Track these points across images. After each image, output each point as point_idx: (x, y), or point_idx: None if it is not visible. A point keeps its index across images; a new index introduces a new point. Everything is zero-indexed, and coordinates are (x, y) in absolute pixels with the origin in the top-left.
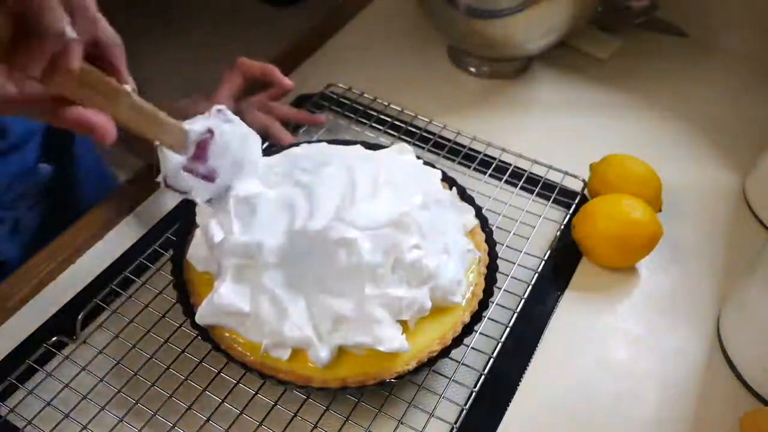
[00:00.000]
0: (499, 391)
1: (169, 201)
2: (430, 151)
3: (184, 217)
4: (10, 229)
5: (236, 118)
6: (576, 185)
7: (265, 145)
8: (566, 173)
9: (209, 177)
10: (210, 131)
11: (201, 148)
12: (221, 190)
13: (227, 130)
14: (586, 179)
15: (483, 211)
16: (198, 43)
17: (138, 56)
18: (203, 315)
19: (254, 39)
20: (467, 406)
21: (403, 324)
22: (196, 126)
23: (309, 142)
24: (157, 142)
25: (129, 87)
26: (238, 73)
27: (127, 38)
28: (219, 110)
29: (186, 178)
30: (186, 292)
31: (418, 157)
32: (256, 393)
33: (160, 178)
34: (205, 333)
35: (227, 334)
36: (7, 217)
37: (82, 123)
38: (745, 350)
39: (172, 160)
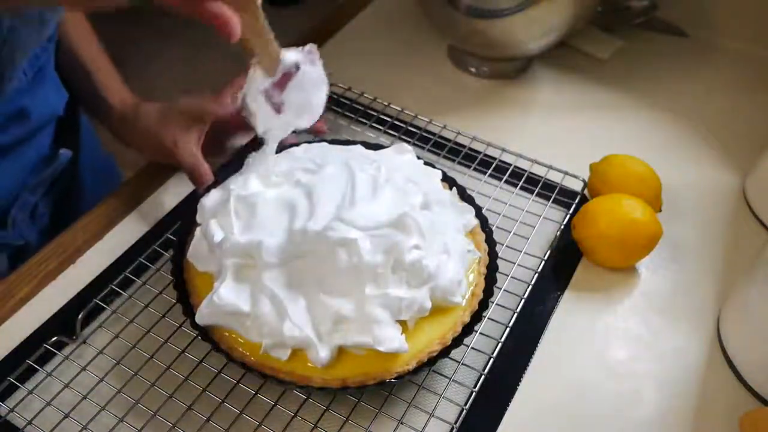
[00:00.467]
0: (499, 391)
1: (170, 201)
2: (430, 151)
3: (184, 217)
4: (30, 214)
5: (320, 63)
6: (576, 185)
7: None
8: (566, 173)
9: (277, 107)
10: (297, 66)
11: (284, 78)
12: (279, 127)
13: (308, 71)
14: (586, 179)
15: (483, 211)
16: (198, 43)
17: (138, 57)
18: (203, 315)
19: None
20: (467, 406)
21: (403, 324)
22: (289, 56)
23: (309, 142)
24: (254, 60)
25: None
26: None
27: (127, 39)
28: (310, 51)
29: (259, 103)
30: (186, 292)
31: (418, 157)
32: (256, 393)
33: (240, 94)
34: (205, 333)
35: (227, 334)
36: (30, 201)
37: (219, 17)
38: (745, 350)
39: (257, 81)
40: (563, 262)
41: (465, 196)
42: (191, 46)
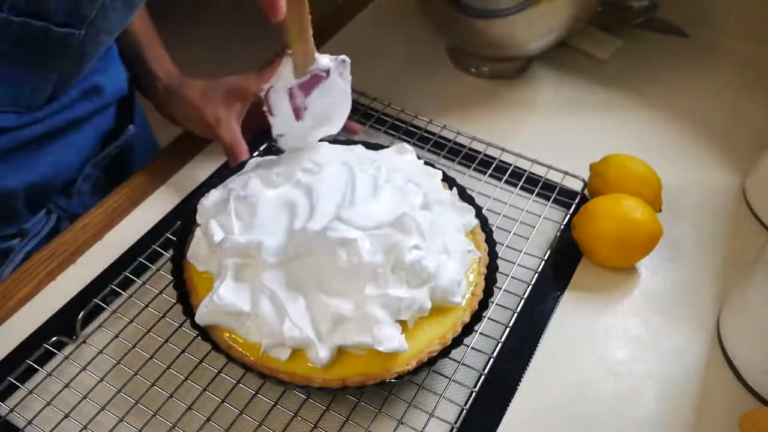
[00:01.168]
0: (499, 391)
1: (170, 201)
2: (430, 151)
3: (184, 217)
4: (92, 186)
5: (349, 79)
6: (576, 185)
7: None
8: (566, 173)
9: (297, 111)
10: (327, 73)
11: (311, 81)
12: (294, 134)
13: (337, 82)
14: (586, 179)
15: (483, 211)
16: (199, 43)
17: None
18: (203, 315)
19: (255, 39)
20: (467, 406)
21: (403, 324)
22: (322, 60)
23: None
24: (290, 51)
25: None
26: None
27: None
28: (343, 61)
29: (282, 101)
30: (186, 292)
31: (419, 157)
32: (256, 393)
33: (265, 86)
34: (205, 333)
35: (227, 334)
36: (93, 174)
37: None
38: (745, 350)
39: (286, 78)
40: (563, 262)
41: (465, 196)
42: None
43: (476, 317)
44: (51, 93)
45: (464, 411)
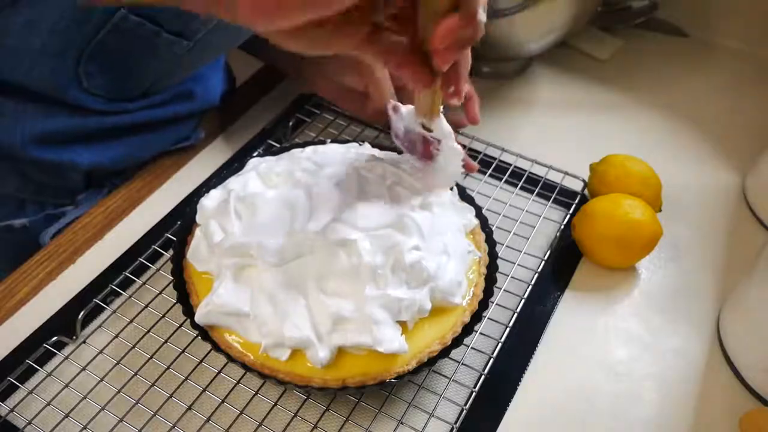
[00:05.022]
0: (499, 391)
1: (170, 201)
2: None
3: (183, 217)
4: None
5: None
6: (576, 185)
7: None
8: (566, 173)
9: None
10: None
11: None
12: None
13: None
14: (586, 179)
15: (483, 211)
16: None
17: None
18: (203, 315)
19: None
20: (467, 406)
21: (403, 324)
22: (443, 125)
23: (309, 142)
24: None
25: None
26: None
27: None
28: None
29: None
30: (186, 292)
31: None
32: (256, 393)
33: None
34: (205, 333)
35: (227, 334)
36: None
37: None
38: (745, 350)
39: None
40: (563, 262)
41: (465, 196)
42: None
43: (476, 317)
44: (145, 90)
45: (464, 411)
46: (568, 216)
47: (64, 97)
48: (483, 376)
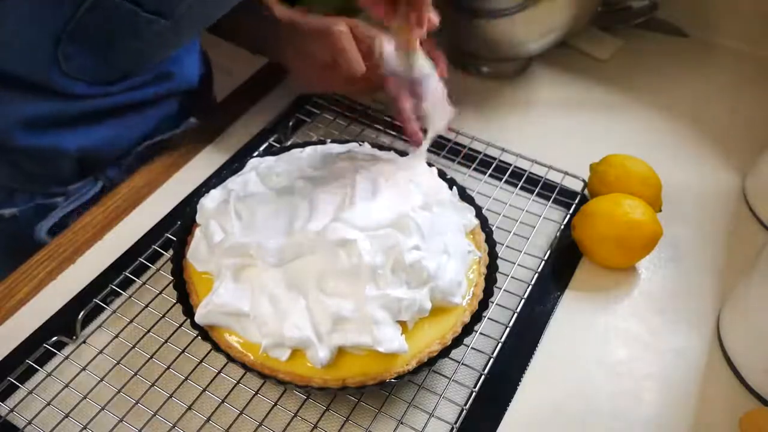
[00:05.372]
0: (499, 391)
1: (170, 201)
2: (430, 151)
3: (183, 218)
4: (142, 162)
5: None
6: (576, 185)
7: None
8: (566, 173)
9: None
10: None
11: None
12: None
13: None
14: (586, 179)
15: (483, 211)
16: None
17: None
18: (203, 315)
19: None
20: (467, 406)
21: (403, 324)
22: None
23: (309, 142)
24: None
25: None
26: None
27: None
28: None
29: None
30: (186, 292)
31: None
32: (256, 393)
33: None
34: (205, 333)
35: (227, 334)
36: (147, 155)
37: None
38: (745, 350)
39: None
40: (563, 262)
41: (465, 196)
42: None
43: (476, 317)
44: (126, 72)
45: (464, 411)
46: (568, 216)
47: (46, 82)
48: (483, 376)
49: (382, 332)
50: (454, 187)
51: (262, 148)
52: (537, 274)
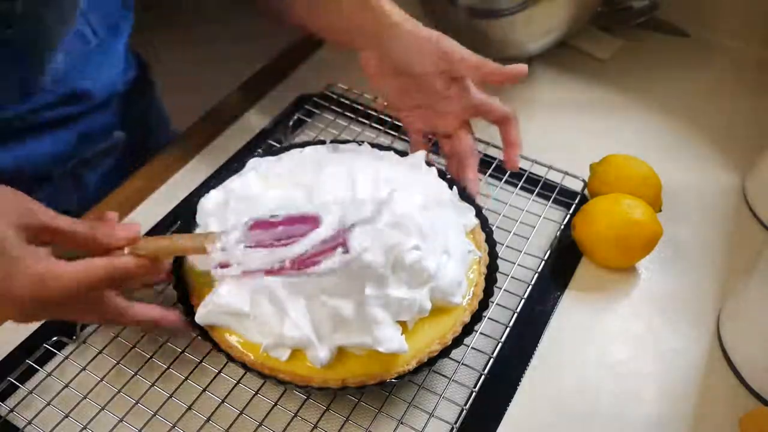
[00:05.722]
0: (499, 391)
1: (169, 201)
2: (429, 151)
3: (184, 217)
4: (74, 184)
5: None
6: (576, 185)
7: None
8: (566, 173)
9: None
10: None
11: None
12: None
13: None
14: (586, 179)
15: (483, 211)
16: (199, 42)
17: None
18: (203, 315)
19: (255, 37)
20: (467, 406)
21: (403, 324)
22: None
23: (309, 142)
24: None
25: None
26: None
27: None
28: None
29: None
30: (186, 292)
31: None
32: (256, 393)
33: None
34: (205, 333)
35: (227, 334)
36: (78, 172)
37: None
38: (745, 350)
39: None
40: (563, 262)
41: (465, 195)
42: (191, 45)
43: (476, 317)
44: (23, 91)
45: (464, 411)
46: (568, 216)
47: None
48: (483, 376)
49: (382, 332)
50: (454, 187)
51: (262, 148)
52: (537, 274)
